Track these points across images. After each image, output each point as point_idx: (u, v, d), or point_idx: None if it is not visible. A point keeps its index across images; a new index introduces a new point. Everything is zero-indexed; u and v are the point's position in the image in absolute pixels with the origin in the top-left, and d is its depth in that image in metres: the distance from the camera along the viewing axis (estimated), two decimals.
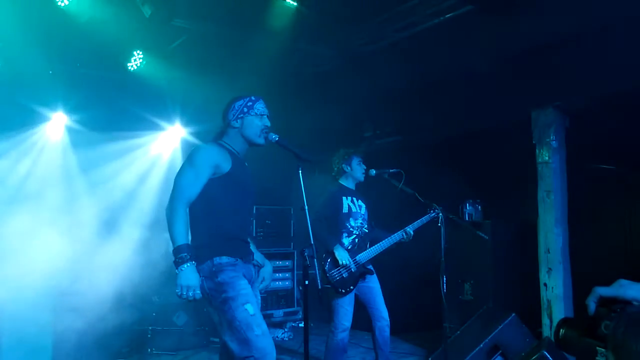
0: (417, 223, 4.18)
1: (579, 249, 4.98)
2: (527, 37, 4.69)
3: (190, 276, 2.55)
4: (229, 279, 2.65)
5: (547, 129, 5.01)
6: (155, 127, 6.47)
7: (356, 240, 4.25)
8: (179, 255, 2.56)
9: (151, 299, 5.56)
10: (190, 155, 2.82)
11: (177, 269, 2.56)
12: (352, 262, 4.08)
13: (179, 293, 2.55)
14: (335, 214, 4.20)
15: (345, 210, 4.23)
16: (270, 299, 6.67)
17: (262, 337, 2.58)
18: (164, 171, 6.59)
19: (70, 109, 5.70)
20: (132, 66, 5.49)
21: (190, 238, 2.66)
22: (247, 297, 2.63)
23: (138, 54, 5.46)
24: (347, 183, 4.36)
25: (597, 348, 1.06)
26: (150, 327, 5.50)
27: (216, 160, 2.76)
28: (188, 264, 2.55)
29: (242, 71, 5.10)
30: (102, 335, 5.03)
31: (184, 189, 2.69)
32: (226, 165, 2.77)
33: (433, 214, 4.12)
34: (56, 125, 5.75)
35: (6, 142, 5.21)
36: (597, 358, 1.07)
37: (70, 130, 5.81)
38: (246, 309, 2.59)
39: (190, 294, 2.55)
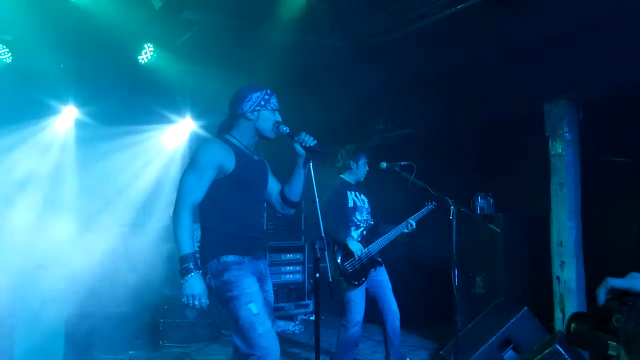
0: (418, 214, 4.27)
1: (592, 243, 4.94)
2: (539, 28, 4.63)
3: (195, 285, 2.56)
4: (234, 278, 2.65)
5: (560, 121, 4.95)
6: (165, 120, 6.48)
7: (364, 232, 4.30)
8: (184, 265, 2.57)
9: (163, 292, 5.60)
10: (193, 157, 2.78)
11: (182, 278, 2.57)
12: (364, 254, 4.13)
13: (186, 302, 2.57)
14: (342, 208, 4.24)
15: (350, 204, 4.29)
16: (282, 292, 6.69)
17: (265, 335, 2.59)
18: (175, 164, 6.61)
19: (81, 102, 5.72)
20: (142, 59, 5.49)
21: (195, 245, 2.65)
22: (250, 296, 2.63)
23: (149, 47, 5.46)
24: (349, 179, 4.40)
25: (609, 342, 1.05)
26: (162, 320, 5.54)
27: (219, 160, 2.72)
28: (193, 274, 2.56)
29: (253, 63, 5.08)
30: (114, 327, 5.07)
31: (187, 193, 2.67)
32: (230, 165, 2.73)
33: (431, 206, 4.27)
34: (66, 118, 5.78)
35: (17, 134, 5.24)
36: (608, 352, 1.05)
37: (80, 123, 5.84)
38: (249, 308, 2.59)
39: (197, 302, 2.56)
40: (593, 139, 4.95)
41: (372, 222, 4.37)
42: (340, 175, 4.43)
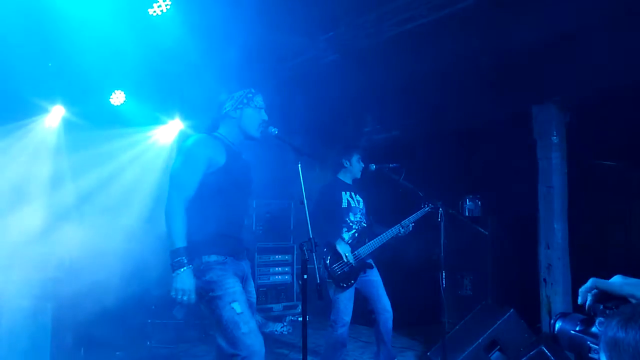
0: (413, 217, 4.20)
1: (579, 245, 4.98)
2: (527, 32, 4.66)
3: (185, 280, 2.55)
4: (217, 278, 2.63)
5: (547, 125, 4.99)
6: (155, 121, 6.45)
7: (356, 234, 4.26)
8: (176, 259, 2.55)
9: (150, 292, 5.56)
10: (184, 149, 2.75)
11: (173, 272, 2.55)
12: (353, 256, 4.10)
13: (174, 296, 2.56)
14: (335, 208, 4.21)
15: (344, 205, 4.24)
16: (270, 293, 6.67)
17: (249, 334, 2.57)
18: (162, 163, 6.58)
19: (69, 101, 5.67)
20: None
21: (186, 239, 2.61)
22: (234, 295, 2.62)
23: None
24: (345, 178, 4.37)
25: (590, 344, 1.06)
26: (149, 320, 5.51)
27: (210, 153, 2.70)
28: (185, 268, 2.55)
29: (240, 65, 5.06)
30: (101, 328, 5.03)
31: (180, 187, 2.64)
32: (220, 159, 2.71)
33: (427, 209, 4.18)
34: (54, 118, 5.72)
35: (5, 136, 5.19)
36: (590, 354, 1.06)
37: (68, 122, 5.78)
38: (233, 308, 2.58)
39: (185, 298, 2.55)
40: (580, 142, 4.99)
41: (365, 225, 4.34)
42: (336, 175, 4.41)
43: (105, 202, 5.81)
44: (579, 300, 1.12)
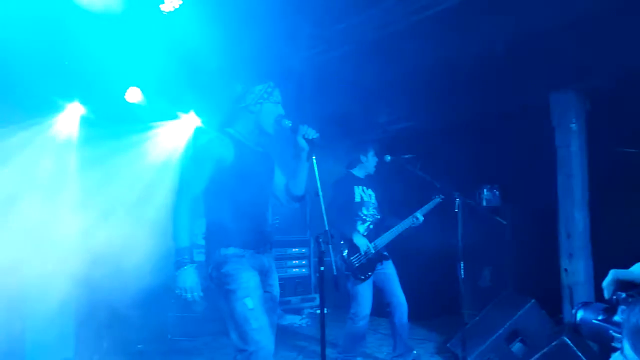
0: (424, 208, 4.25)
1: (601, 234, 4.90)
2: (545, 17, 4.57)
3: (189, 278, 2.57)
4: (233, 271, 2.65)
5: (566, 112, 4.90)
6: (170, 117, 6.48)
7: (370, 226, 4.31)
8: (179, 258, 2.58)
9: (170, 286, 5.61)
10: (193, 150, 2.79)
11: (176, 270, 2.58)
12: (370, 248, 4.11)
13: (179, 294, 2.59)
14: (348, 202, 4.25)
15: (357, 199, 4.30)
16: (288, 286, 6.70)
17: (258, 330, 2.59)
18: (179, 159, 6.61)
19: (86, 99, 5.72)
20: None
21: (191, 238, 2.65)
22: (247, 290, 2.63)
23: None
24: (358, 173, 4.42)
25: (613, 333, 1.04)
26: (169, 314, 5.57)
27: (218, 153, 2.70)
28: (187, 267, 2.57)
29: (253, 58, 5.05)
30: (122, 322, 5.11)
31: (185, 186, 2.68)
32: (229, 157, 2.71)
33: (438, 199, 4.26)
34: (72, 115, 5.78)
35: (22, 133, 5.26)
36: (612, 344, 1.04)
37: (85, 120, 5.83)
38: (245, 303, 2.60)
39: (189, 295, 2.58)
40: (600, 130, 4.90)
41: (379, 217, 4.38)
42: (350, 170, 4.43)
43: (124, 197, 5.87)
44: (606, 295, 1.09)
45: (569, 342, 3.55)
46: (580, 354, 3.48)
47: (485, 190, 5.55)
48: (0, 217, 4.60)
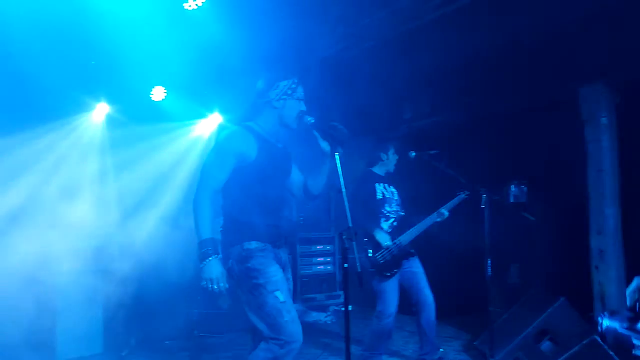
0: (450, 204, 4.20)
1: (632, 231, 4.77)
2: (574, 9, 4.46)
3: (214, 269, 2.59)
4: (260, 266, 2.67)
5: (596, 106, 4.79)
6: (196, 115, 6.54)
7: (394, 223, 4.29)
8: (203, 250, 2.60)
9: (196, 283, 5.66)
10: (215, 144, 2.81)
11: (200, 263, 2.60)
12: (394, 245, 4.08)
13: (205, 286, 2.61)
14: (370, 200, 4.23)
15: (379, 197, 4.27)
16: (313, 283, 6.70)
17: (292, 323, 2.63)
18: (203, 156, 6.67)
19: (112, 98, 5.81)
20: None
21: (214, 230, 2.67)
22: (277, 284, 2.66)
23: None
24: (379, 171, 4.40)
25: (635, 341, 1.00)
26: (195, 310, 5.62)
27: (240, 148, 2.72)
28: (211, 258, 2.59)
29: (276, 55, 5.05)
30: (149, 318, 5.19)
31: (207, 179, 2.70)
32: (252, 153, 2.73)
33: (463, 196, 4.19)
34: (99, 114, 5.87)
35: (52, 132, 5.37)
36: (634, 352, 1.01)
37: (111, 119, 5.93)
38: (277, 297, 2.63)
39: (215, 287, 2.59)
40: (631, 124, 4.77)
41: (403, 213, 4.34)
42: (370, 169, 4.41)
43: (151, 195, 5.95)
44: (628, 303, 1.05)
45: (600, 341, 3.46)
46: (612, 353, 3.39)
47: (512, 186, 5.44)
48: (31, 214, 4.72)
